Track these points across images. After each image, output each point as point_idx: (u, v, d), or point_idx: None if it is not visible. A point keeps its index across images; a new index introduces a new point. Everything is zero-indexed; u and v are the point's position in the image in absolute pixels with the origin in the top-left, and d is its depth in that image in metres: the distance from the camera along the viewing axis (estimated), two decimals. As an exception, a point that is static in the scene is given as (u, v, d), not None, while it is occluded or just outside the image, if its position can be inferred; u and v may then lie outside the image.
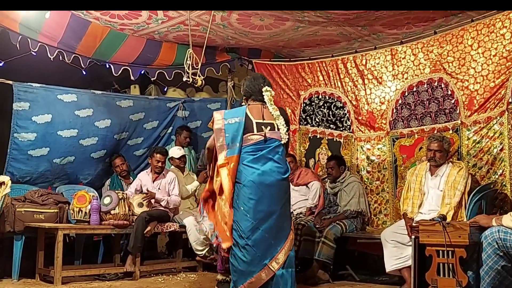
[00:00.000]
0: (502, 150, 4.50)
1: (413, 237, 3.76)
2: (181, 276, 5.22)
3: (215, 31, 5.45)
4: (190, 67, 5.01)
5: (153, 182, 5.56)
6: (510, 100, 4.47)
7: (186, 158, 6.04)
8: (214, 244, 4.15)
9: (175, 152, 5.94)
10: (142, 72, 6.11)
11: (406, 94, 5.33)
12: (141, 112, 6.28)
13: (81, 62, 5.55)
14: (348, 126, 5.82)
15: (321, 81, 6.02)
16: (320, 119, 6.06)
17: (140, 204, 5.31)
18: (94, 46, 5.45)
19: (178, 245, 5.67)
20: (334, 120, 5.94)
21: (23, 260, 4.76)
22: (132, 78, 6.08)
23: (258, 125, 3.63)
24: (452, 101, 4.96)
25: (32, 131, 5.40)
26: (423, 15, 4.96)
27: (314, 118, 6.11)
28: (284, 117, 3.72)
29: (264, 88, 3.72)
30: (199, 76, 5.09)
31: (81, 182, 5.94)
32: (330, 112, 5.97)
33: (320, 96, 6.05)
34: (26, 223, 4.76)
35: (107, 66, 5.88)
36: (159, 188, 5.52)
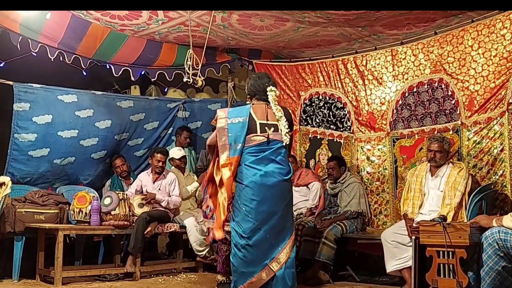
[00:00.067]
0: (502, 150, 4.50)
1: (413, 237, 3.74)
2: (181, 276, 5.21)
3: (216, 32, 5.45)
4: (191, 67, 5.03)
5: (153, 182, 5.55)
6: (511, 100, 4.47)
7: (186, 159, 6.03)
8: (211, 240, 4.15)
9: (175, 152, 5.93)
10: (143, 72, 6.12)
11: (407, 94, 5.33)
12: (141, 113, 6.27)
13: (81, 63, 5.56)
14: (348, 127, 5.81)
15: (321, 81, 6.02)
16: (320, 119, 6.06)
17: (141, 205, 5.31)
18: (94, 46, 5.46)
19: (179, 245, 5.67)
20: (334, 121, 5.94)
21: (23, 261, 4.76)
22: (133, 78, 6.09)
23: (262, 126, 3.61)
24: (453, 101, 4.95)
25: (32, 131, 5.39)
26: (424, 15, 4.96)
27: (314, 118, 6.11)
28: (288, 118, 3.68)
29: (269, 88, 3.69)
30: (199, 77, 5.10)
31: (81, 183, 5.94)
32: (331, 113, 5.97)
33: (320, 97, 6.05)
34: (26, 223, 4.77)
35: (107, 67, 5.89)
36: (159, 188, 5.51)
